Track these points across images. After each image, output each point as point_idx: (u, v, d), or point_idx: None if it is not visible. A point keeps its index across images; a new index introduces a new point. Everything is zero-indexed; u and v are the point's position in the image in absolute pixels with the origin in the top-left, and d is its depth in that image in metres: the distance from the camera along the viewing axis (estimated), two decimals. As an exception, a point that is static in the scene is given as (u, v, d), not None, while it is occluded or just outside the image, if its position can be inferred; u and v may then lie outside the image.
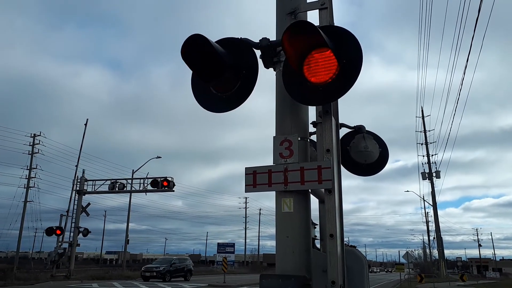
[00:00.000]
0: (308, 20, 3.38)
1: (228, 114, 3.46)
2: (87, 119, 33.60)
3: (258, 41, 3.34)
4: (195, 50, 3.11)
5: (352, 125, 4.39)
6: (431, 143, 48.59)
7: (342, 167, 3.63)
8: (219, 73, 3.21)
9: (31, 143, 43.98)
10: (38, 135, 44.16)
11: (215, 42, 3.27)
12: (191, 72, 3.48)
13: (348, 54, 2.95)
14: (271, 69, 3.52)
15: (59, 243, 28.61)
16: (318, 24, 3.20)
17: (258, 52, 3.38)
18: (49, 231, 28.28)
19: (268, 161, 3.25)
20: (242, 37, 3.38)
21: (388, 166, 4.50)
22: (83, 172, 31.31)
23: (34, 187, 43.86)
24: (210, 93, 3.44)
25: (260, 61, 3.39)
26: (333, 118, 3.18)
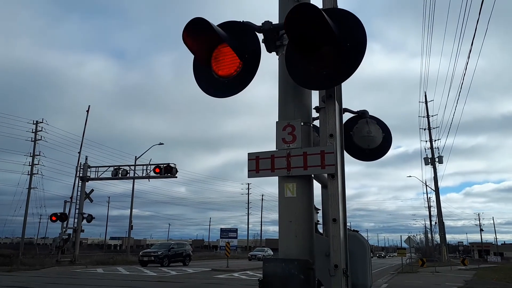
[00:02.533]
0: (311, 2, 3.33)
1: (230, 101, 3.46)
2: (89, 106, 33.63)
3: (260, 25, 3.30)
4: (197, 34, 3.08)
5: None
6: (434, 128, 48.51)
7: (345, 152, 3.62)
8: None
9: (34, 130, 44.11)
10: (41, 122, 44.27)
11: (217, 25, 3.23)
12: (193, 58, 3.44)
13: (351, 37, 2.90)
14: (273, 55, 3.48)
15: (64, 229, 28.90)
16: (322, 7, 3.15)
17: (260, 36, 3.33)
18: (54, 218, 28.55)
19: (271, 148, 3.23)
20: (245, 21, 3.34)
21: (389, 152, 4.49)
22: (86, 159, 31.45)
23: (37, 174, 44.17)
24: (212, 78, 3.41)
25: (262, 45, 3.35)
26: (336, 102, 3.15)
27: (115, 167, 30.25)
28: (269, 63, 3.71)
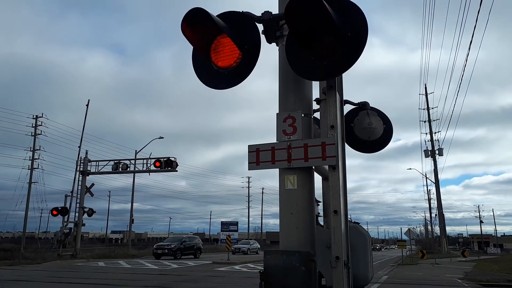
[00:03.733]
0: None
1: (230, 95, 3.47)
2: (89, 100, 33.59)
3: (260, 15, 3.25)
4: (196, 24, 3.03)
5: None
6: (434, 120, 48.51)
7: (346, 144, 3.59)
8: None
9: (34, 125, 44.07)
10: (41, 117, 44.21)
11: (216, 16, 3.19)
12: (192, 50, 3.40)
13: (352, 27, 2.86)
14: (273, 46, 3.44)
15: (65, 223, 28.98)
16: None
17: (260, 27, 3.29)
18: (55, 212, 28.60)
19: (271, 141, 3.20)
20: (244, 11, 3.29)
21: (389, 145, 4.46)
22: (86, 153, 31.45)
23: (38, 168, 44.26)
24: (211, 69, 3.37)
25: (262, 36, 3.31)
26: (337, 93, 3.12)
27: (115, 161, 30.26)
28: (269, 54, 3.67)
